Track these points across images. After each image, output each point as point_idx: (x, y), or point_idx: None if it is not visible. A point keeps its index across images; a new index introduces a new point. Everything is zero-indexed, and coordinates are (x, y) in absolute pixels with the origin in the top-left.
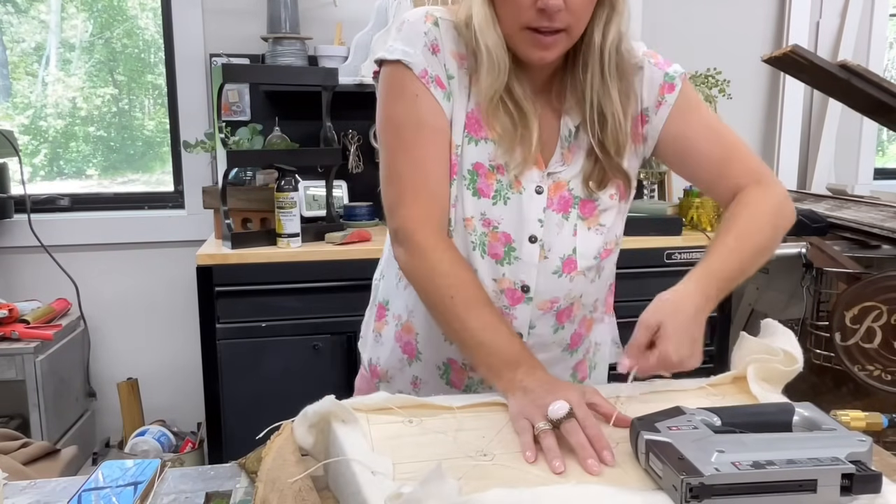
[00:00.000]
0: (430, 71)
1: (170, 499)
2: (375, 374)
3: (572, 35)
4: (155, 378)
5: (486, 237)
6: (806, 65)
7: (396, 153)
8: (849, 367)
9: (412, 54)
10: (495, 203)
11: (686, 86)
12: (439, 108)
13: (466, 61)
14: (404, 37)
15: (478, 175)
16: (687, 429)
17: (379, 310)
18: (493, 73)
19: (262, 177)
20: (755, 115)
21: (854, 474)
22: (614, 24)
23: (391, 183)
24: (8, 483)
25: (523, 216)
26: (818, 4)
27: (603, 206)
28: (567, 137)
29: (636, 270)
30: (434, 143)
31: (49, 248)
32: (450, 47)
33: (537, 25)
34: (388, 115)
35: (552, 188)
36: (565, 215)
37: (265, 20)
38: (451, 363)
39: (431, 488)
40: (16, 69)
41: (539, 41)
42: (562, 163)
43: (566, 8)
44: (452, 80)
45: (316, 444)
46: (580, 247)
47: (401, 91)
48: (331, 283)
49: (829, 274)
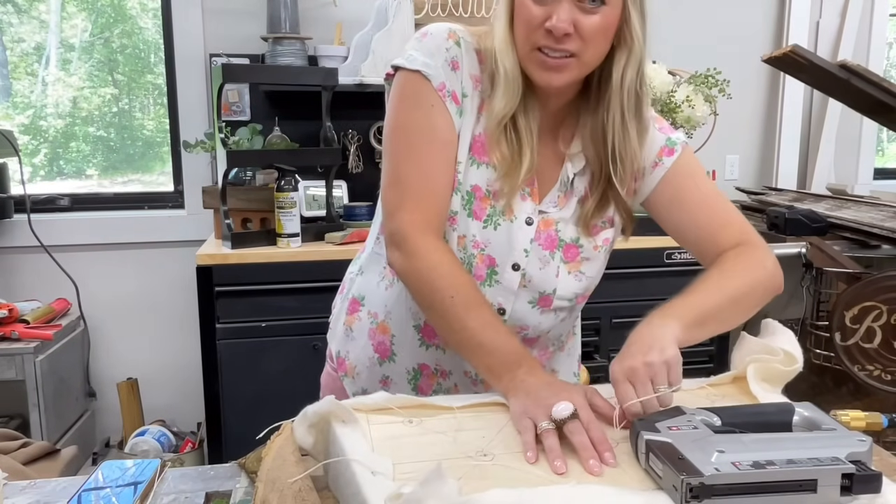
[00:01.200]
0: (447, 85)
1: (170, 499)
2: (343, 367)
3: (582, 61)
4: (155, 378)
5: (474, 258)
6: (806, 65)
7: (403, 158)
8: (849, 367)
9: (432, 66)
10: (486, 227)
11: (687, 154)
12: (452, 122)
13: (481, 84)
14: (426, 48)
15: (474, 198)
16: (687, 429)
17: (352, 303)
18: (507, 95)
19: (262, 177)
20: (755, 115)
21: (854, 474)
22: (632, 65)
23: (394, 186)
24: (8, 483)
25: (511, 244)
26: (818, 4)
27: (586, 254)
28: (565, 183)
29: (636, 270)
30: (442, 154)
31: (49, 248)
32: (468, 68)
33: (546, 47)
34: (400, 121)
35: (541, 223)
36: (551, 253)
37: (265, 20)
38: (423, 368)
39: (431, 488)
40: (15, 69)
41: (546, 63)
42: (555, 204)
43: (576, 33)
44: (466, 99)
45: (316, 444)
46: (560, 289)
47: (416, 100)
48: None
49: (829, 274)
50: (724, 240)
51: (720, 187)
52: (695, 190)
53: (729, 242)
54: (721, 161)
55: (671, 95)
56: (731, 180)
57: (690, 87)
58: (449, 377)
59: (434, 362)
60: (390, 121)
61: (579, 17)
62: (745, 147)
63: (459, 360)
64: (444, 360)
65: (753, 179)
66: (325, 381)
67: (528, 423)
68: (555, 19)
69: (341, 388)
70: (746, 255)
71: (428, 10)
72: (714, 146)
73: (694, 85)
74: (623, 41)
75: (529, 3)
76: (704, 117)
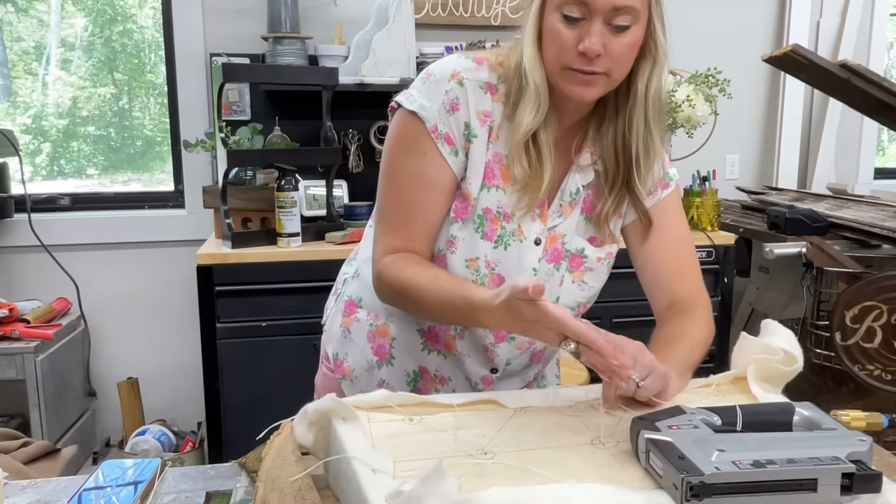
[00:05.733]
0: (440, 128)
1: (170, 498)
2: (340, 369)
3: (612, 79)
4: (155, 377)
5: (486, 278)
6: (806, 64)
7: (389, 196)
8: (849, 367)
9: (428, 108)
10: (496, 247)
11: (677, 192)
12: (445, 166)
13: (490, 118)
14: (426, 90)
15: (486, 219)
16: (687, 428)
17: (348, 305)
18: (534, 110)
19: (263, 176)
20: (755, 115)
21: (854, 473)
22: (657, 75)
23: (378, 221)
24: (8, 482)
25: (521, 264)
26: (818, 4)
27: (590, 264)
28: (572, 193)
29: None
30: (428, 195)
31: (49, 247)
32: (474, 106)
33: (578, 67)
34: (392, 162)
35: (549, 240)
36: (556, 266)
37: (265, 20)
38: (423, 371)
39: (432, 486)
40: (14, 68)
41: (579, 79)
42: (559, 214)
43: (606, 53)
44: (476, 140)
45: (316, 442)
46: (563, 297)
47: (411, 148)
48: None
49: (830, 273)
50: (680, 288)
51: (720, 187)
52: (673, 229)
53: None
54: (721, 161)
55: (671, 95)
56: (731, 180)
57: (691, 87)
58: (448, 383)
59: (434, 367)
60: (385, 162)
61: (609, 38)
62: (745, 146)
63: (459, 365)
64: (444, 366)
65: (754, 179)
66: (321, 382)
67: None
68: (587, 42)
69: (339, 389)
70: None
71: (428, 10)
72: (714, 146)
73: (694, 85)
74: (648, 52)
75: (561, 27)
76: (705, 117)
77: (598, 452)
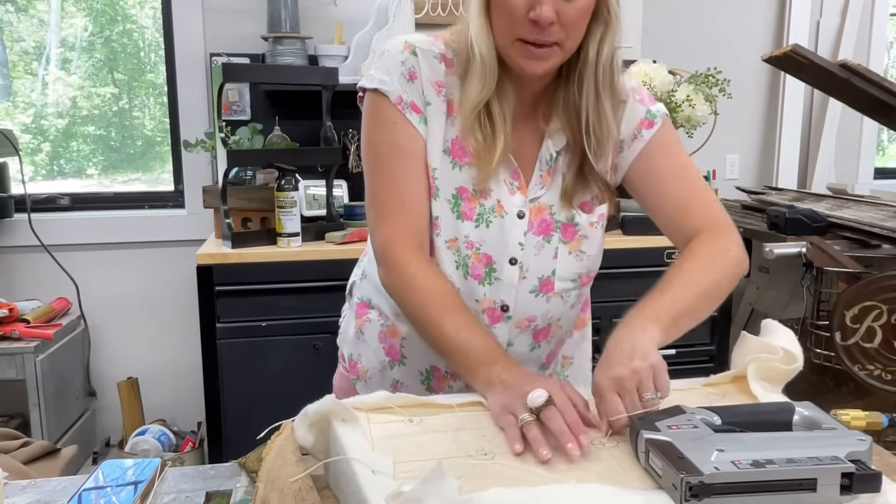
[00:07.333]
0: (404, 98)
1: (170, 498)
2: (355, 370)
3: (565, 49)
4: (155, 377)
5: (469, 258)
6: (806, 64)
7: (377, 177)
8: (849, 367)
9: (388, 82)
10: (478, 226)
11: (666, 127)
12: (416, 132)
13: (445, 88)
14: (383, 66)
15: (461, 199)
16: (687, 428)
17: (360, 308)
18: (482, 81)
19: (263, 176)
20: (755, 115)
21: (854, 473)
22: (608, 40)
23: (371, 204)
24: (8, 482)
25: (505, 239)
26: (818, 4)
27: (583, 231)
28: (549, 161)
29: (636, 270)
30: (410, 165)
31: (49, 247)
32: (427, 76)
33: (530, 38)
34: (368, 140)
35: (533, 212)
36: (546, 238)
37: (265, 19)
38: (434, 370)
39: (432, 487)
40: (14, 68)
41: (531, 52)
42: (541, 185)
43: (558, 22)
44: (430, 107)
45: (316, 443)
46: (559, 269)
47: (379, 118)
48: (331, 283)
49: (830, 273)
50: (692, 219)
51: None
52: (670, 163)
53: (697, 222)
54: (721, 161)
55: (671, 95)
56: (731, 180)
57: (691, 87)
58: (460, 378)
59: (445, 364)
60: (363, 142)
61: (561, 5)
62: (745, 146)
63: None
64: None
65: (754, 179)
66: (337, 382)
67: (509, 419)
68: (539, 10)
69: (353, 390)
70: (714, 245)
71: (428, 10)
72: (714, 146)
73: (694, 84)
74: (601, 16)
75: None
76: (705, 117)
77: (598, 452)
